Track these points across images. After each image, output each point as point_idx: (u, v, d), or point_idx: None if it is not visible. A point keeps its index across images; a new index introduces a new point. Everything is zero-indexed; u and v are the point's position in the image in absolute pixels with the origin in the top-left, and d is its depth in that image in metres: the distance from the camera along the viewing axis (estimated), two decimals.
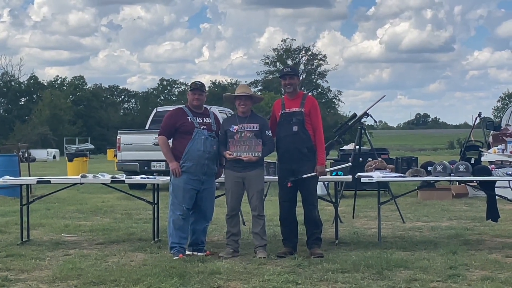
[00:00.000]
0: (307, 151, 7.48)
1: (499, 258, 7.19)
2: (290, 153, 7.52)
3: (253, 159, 7.42)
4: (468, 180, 8.52)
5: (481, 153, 14.36)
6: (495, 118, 55.77)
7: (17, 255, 7.59)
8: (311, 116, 7.52)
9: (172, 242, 7.56)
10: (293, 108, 7.54)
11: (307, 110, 7.50)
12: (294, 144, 7.48)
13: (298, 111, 7.51)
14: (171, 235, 7.59)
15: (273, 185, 10.68)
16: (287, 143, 7.53)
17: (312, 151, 7.51)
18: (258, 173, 7.53)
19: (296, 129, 7.47)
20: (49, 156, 48.82)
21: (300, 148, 7.47)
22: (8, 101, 76.23)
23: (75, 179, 8.99)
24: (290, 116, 7.52)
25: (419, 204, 12.49)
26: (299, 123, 7.47)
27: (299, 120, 7.47)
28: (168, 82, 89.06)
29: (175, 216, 7.57)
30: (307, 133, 7.48)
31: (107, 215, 11.63)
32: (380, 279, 6.24)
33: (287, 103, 7.62)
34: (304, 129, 7.47)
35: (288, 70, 7.84)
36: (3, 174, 9.62)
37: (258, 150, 7.41)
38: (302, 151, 7.47)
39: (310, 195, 7.58)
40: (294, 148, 7.49)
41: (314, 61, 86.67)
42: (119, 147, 16.79)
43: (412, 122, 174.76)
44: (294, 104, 7.56)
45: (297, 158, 7.48)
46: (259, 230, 7.49)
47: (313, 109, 7.55)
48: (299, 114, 7.49)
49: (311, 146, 7.50)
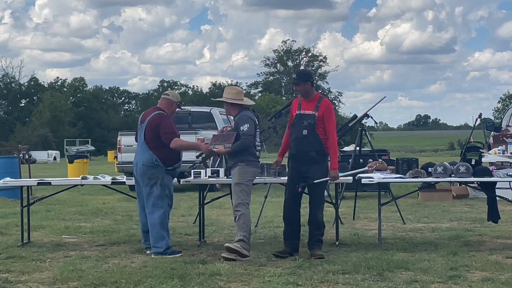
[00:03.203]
0: (316, 155, 7.49)
1: (500, 259, 7.19)
2: (299, 155, 7.55)
3: (223, 151, 7.52)
4: (468, 181, 8.53)
5: (482, 154, 14.35)
6: (496, 119, 55.83)
7: (17, 257, 7.59)
8: (325, 120, 7.52)
9: (167, 243, 7.65)
10: (307, 110, 7.55)
11: (320, 114, 7.51)
12: (303, 147, 7.51)
13: (311, 114, 7.51)
14: (164, 237, 7.64)
15: (274, 187, 10.70)
16: (297, 146, 7.56)
17: (322, 155, 7.52)
18: (238, 169, 7.48)
19: (306, 132, 7.48)
20: (49, 158, 48.81)
21: (309, 152, 7.49)
22: (9, 103, 76.24)
23: (75, 180, 9.00)
24: (303, 118, 7.54)
25: (420, 205, 12.48)
26: (309, 127, 7.48)
27: (310, 123, 7.48)
28: (168, 84, 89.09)
29: (164, 216, 7.67)
30: (317, 137, 7.48)
31: (107, 216, 11.62)
32: (381, 280, 6.24)
33: (303, 105, 7.63)
34: (314, 133, 7.48)
35: (294, 78, 7.90)
36: (4, 176, 9.63)
37: (230, 142, 7.46)
38: (310, 154, 7.49)
39: (317, 198, 7.61)
40: (303, 151, 7.51)
41: (314, 63, 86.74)
42: (119, 148, 16.80)
43: (412, 123, 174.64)
44: (309, 107, 7.57)
45: (306, 161, 7.50)
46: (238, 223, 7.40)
47: (327, 113, 7.55)
48: (311, 118, 7.50)
49: (321, 149, 7.50)
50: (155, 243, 7.62)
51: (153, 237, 7.63)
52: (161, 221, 7.64)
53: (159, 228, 7.62)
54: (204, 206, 8.72)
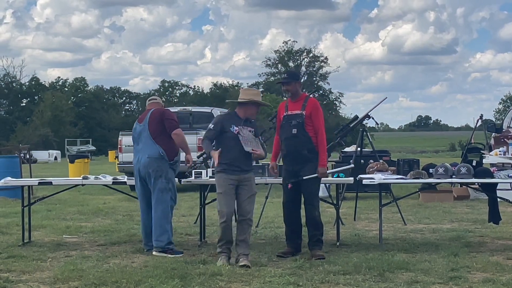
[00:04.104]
0: (308, 153, 7.52)
1: (501, 260, 7.18)
2: (292, 155, 7.59)
3: (263, 155, 7.43)
4: (469, 182, 8.52)
5: (483, 155, 14.34)
6: (497, 121, 55.76)
7: (18, 256, 7.60)
8: (312, 118, 7.55)
9: (169, 237, 7.73)
10: (294, 110, 7.60)
11: (308, 113, 7.54)
12: (294, 147, 7.54)
13: (299, 113, 7.55)
14: (167, 230, 7.69)
15: (274, 187, 10.71)
16: (288, 146, 7.60)
17: (313, 153, 7.54)
18: (253, 176, 7.42)
19: (296, 131, 7.51)
20: (50, 158, 48.82)
21: (300, 150, 7.51)
22: (10, 102, 76.23)
23: (76, 180, 9.01)
24: (291, 118, 7.59)
25: (421, 206, 12.48)
26: (298, 126, 7.51)
27: (298, 122, 7.51)
28: (169, 84, 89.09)
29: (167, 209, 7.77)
30: (307, 135, 7.51)
31: (108, 216, 11.63)
32: (382, 281, 6.24)
33: (290, 106, 7.68)
34: (304, 131, 7.51)
35: (283, 77, 7.93)
36: (5, 176, 9.63)
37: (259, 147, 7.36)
38: (302, 153, 7.52)
39: (310, 196, 7.60)
40: (295, 151, 7.54)
41: (315, 63, 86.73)
42: (120, 148, 16.81)
43: (413, 124, 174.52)
44: (296, 107, 7.61)
45: (298, 160, 7.53)
46: (246, 237, 7.19)
47: (314, 111, 7.57)
48: (299, 117, 7.53)
49: (312, 147, 7.53)
50: (158, 237, 7.69)
51: (157, 231, 7.70)
52: (165, 215, 7.75)
53: (162, 221, 7.70)
54: (205, 206, 8.73)
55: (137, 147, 7.98)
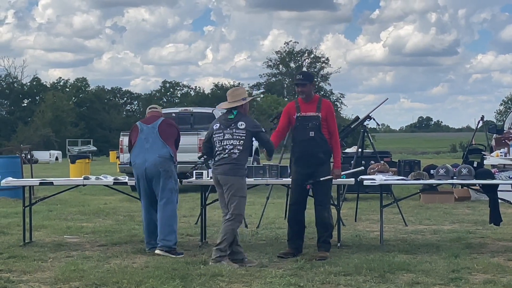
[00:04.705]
0: (323, 155, 7.54)
1: (502, 261, 7.18)
2: (307, 157, 7.55)
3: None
4: (470, 183, 8.51)
5: (484, 156, 14.33)
6: (498, 122, 55.77)
7: (19, 256, 7.60)
8: (328, 121, 7.55)
9: (176, 237, 7.77)
10: (309, 112, 7.54)
11: (323, 115, 7.52)
12: (311, 149, 7.51)
13: (314, 115, 7.52)
14: (175, 230, 7.76)
15: (275, 188, 10.71)
16: (304, 148, 7.55)
17: (328, 155, 7.59)
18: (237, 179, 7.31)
19: (313, 134, 7.49)
20: (51, 158, 48.86)
21: (317, 153, 7.51)
22: (11, 102, 76.27)
23: (77, 180, 9.02)
24: (307, 120, 7.53)
25: (422, 207, 12.48)
26: (315, 128, 7.49)
27: (315, 125, 7.49)
28: (170, 84, 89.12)
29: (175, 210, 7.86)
30: (323, 138, 7.52)
31: (109, 217, 11.63)
32: (382, 282, 6.23)
33: (302, 107, 7.60)
34: (320, 134, 7.50)
35: (299, 78, 7.70)
36: (6, 176, 9.63)
37: None
38: (318, 155, 7.52)
39: (323, 196, 7.61)
40: (311, 153, 7.52)
41: (317, 64, 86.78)
42: (121, 149, 16.79)
43: (414, 125, 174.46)
44: (310, 108, 7.55)
45: (314, 162, 7.53)
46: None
47: (330, 114, 7.58)
48: (316, 119, 7.50)
49: (327, 150, 7.56)
50: (165, 236, 7.70)
51: (165, 230, 7.72)
52: (174, 215, 7.83)
53: (171, 221, 7.76)
54: (206, 207, 8.73)
55: (143, 147, 7.91)
